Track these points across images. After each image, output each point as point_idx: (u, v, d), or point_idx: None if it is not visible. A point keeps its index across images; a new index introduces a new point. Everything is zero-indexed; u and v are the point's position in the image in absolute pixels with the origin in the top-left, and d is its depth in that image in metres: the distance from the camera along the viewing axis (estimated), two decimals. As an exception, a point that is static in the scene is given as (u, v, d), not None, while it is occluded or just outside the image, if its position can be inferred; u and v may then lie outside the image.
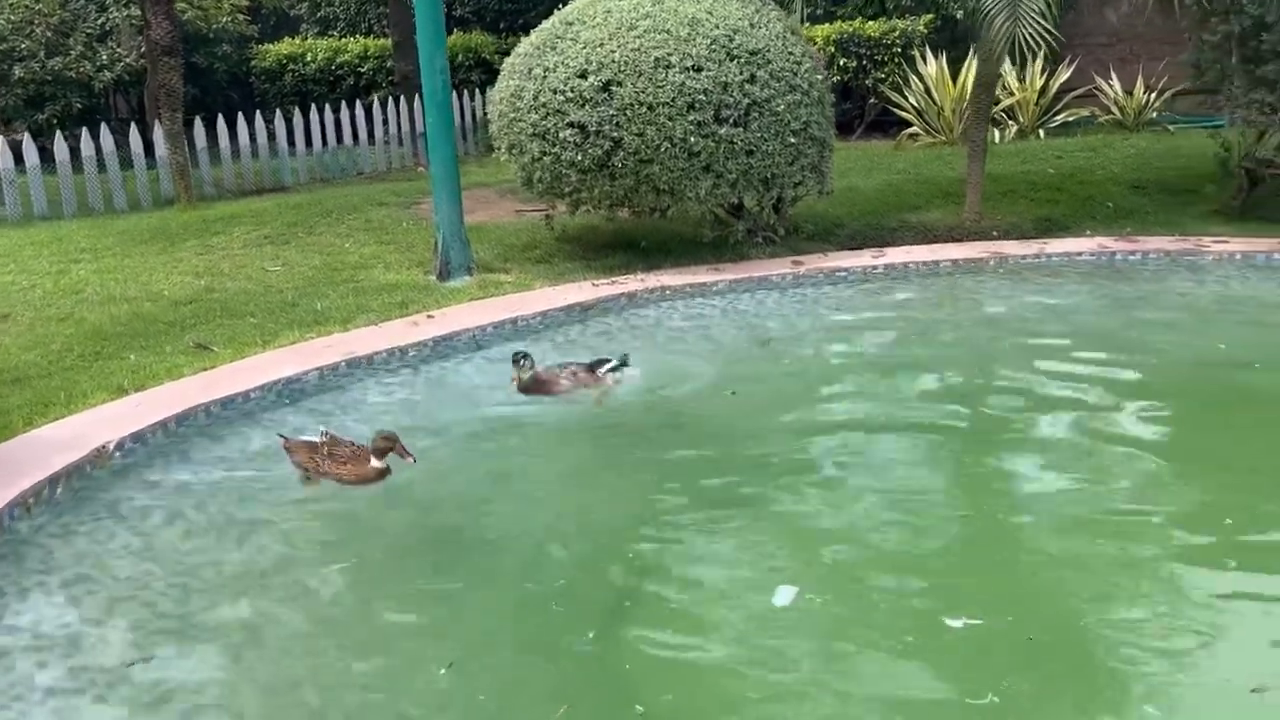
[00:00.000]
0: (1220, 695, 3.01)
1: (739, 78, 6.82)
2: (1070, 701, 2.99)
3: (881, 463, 4.57)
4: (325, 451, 4.24)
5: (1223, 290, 6.62)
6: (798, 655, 3.24)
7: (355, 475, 4.24)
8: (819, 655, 3.25)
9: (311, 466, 4.27)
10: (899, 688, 3.08)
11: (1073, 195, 8.79)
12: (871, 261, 7.29)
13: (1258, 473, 4.27)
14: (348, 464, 4.24)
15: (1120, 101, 12.37)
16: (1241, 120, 7.79)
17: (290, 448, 4.37)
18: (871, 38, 12.99)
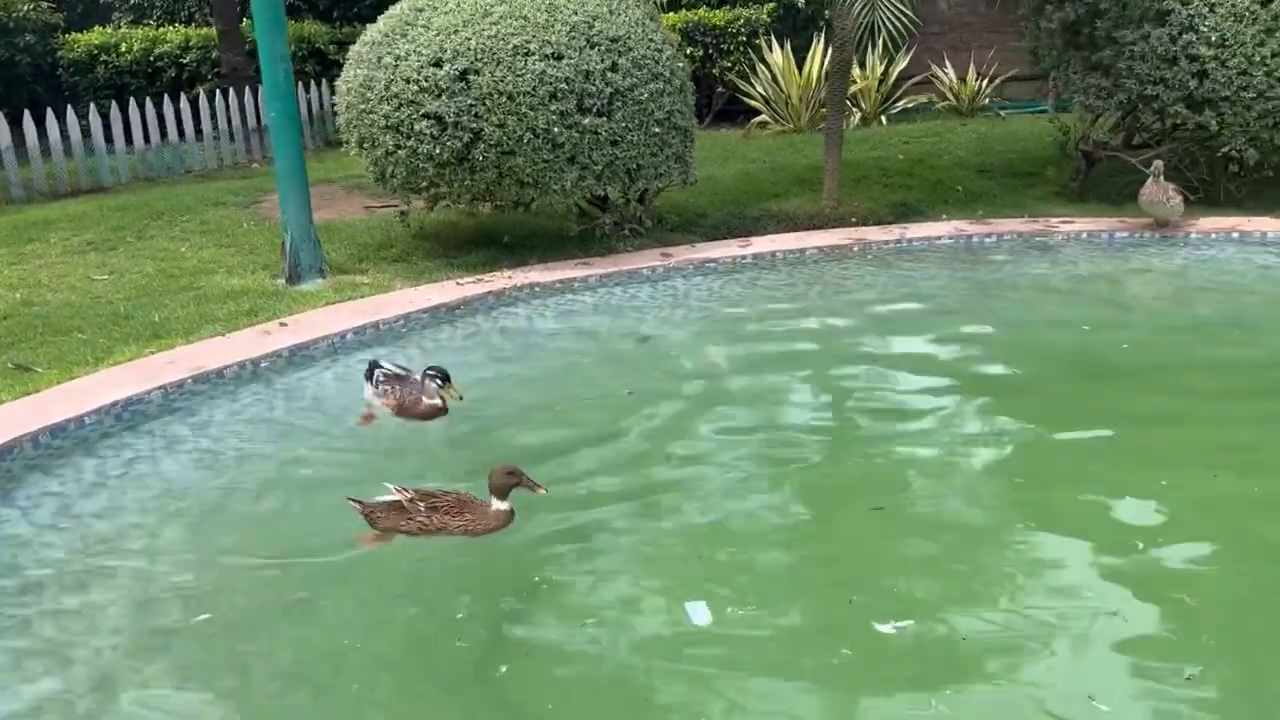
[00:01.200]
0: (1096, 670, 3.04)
1: (601, 66, 6.63)
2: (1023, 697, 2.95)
3: (770, 460, 4.48)
4: (422, 508, 3.73)
5: (1074, 270, 6.86)
6: (717, 673, 3.09)
7: (481, 525, 3.73)
8: (743, 672, 3.11)
9: (418, 527, 3.73)
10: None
11: (924, 180, 9.01)
12: (739, 251, 7.24)
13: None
14: (463, 513, 3.74)
15: (955, 88, 12.81)
16: (1079, 104, 8.12)
17: (372, 516, 3.77)
18: (717, 26, 13.02)
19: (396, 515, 3.74)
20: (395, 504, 3.75)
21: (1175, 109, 7.37)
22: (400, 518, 3.73)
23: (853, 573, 3.62)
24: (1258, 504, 3.91)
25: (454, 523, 3.72)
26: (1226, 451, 4.33)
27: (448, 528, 3.71)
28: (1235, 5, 6.96)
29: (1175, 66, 7.24)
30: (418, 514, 3.72)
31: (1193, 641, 3.15)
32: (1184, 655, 3.07)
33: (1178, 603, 3.31)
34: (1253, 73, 7.00)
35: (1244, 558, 3.61)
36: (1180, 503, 3.93)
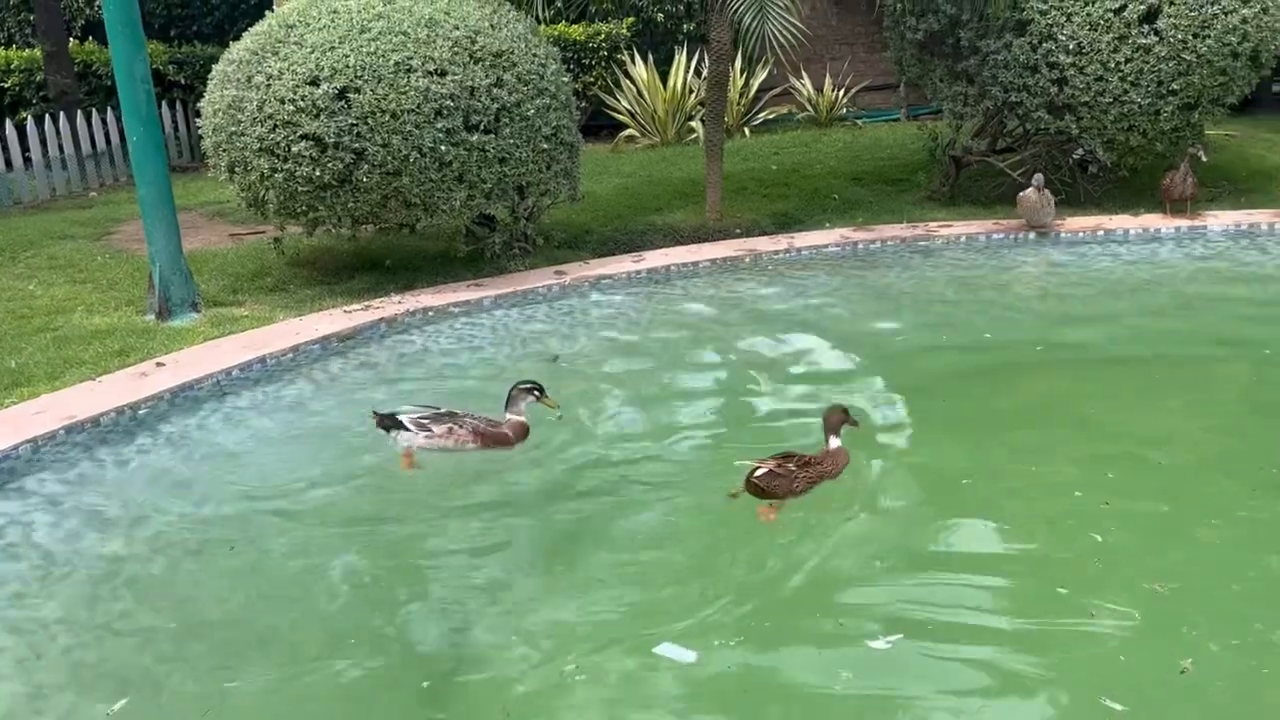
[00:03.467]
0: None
1: (486, 81, 6.43)
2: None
3: (678, 482, 4.38)
4: (793, 468, 4.01)
5: (955, 270, 7.07)
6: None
7: (834, 466, 4.11)
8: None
9: (805, 484, 4.00)
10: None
11: (801, 190, 9.15)
12: (633, 266, 7.14)
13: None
14: (822, 464, 4.08)
15: (814, 99, 13.12)
16: (947, 112, 8.41)
17: (762, 485, 3.98)
18: (578, 41, 12.94)
19: (784, 481, 3.97)
20: (773, 473, 3.97)
21: (1038, 114, 7.71)
22: (787, 483, 3.98)
23: (775, 580, 3.56)
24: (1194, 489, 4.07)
25: (820, 472, 4.05)
26: (1150, 441, 4.50)
27: (823, 476, 4.05)
28: (1090, 14, 7.33)
29: (1037, 74, 7.57)
30: (794, 476, 4.00)
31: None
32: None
33: (1150, 592, 3.38)
34: (1109, 78, 7.38)
35: (1190, 544, 3.74)
36: (1113, 492, 4.04)
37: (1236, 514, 3.90)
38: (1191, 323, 5.92)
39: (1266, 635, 3.20)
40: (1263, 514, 3.87)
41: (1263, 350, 5.42)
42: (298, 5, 6.61)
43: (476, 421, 4.51)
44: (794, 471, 3.98)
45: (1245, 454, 4.35)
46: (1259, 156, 8.91)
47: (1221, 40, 7.22)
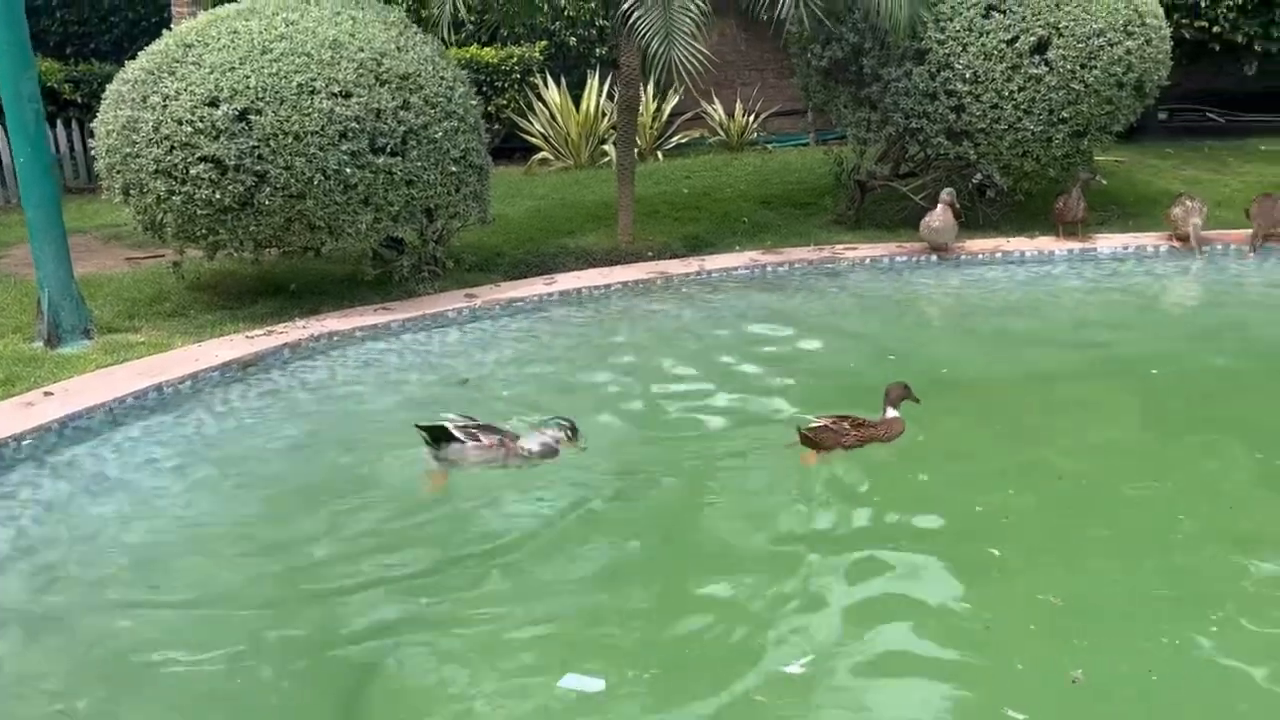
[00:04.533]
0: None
1: (392, 104, 6.36)
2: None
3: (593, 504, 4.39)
4: (847, 426, 4.54)
5: (861, 292, 7.21)
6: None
7: (888, 431, 4.63)
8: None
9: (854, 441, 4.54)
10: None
11: (711, 213, 9.24)
12: (545, 289, 7.13)
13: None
14: (876, 428, 4.61)
15: (725, 124, 13.29)
16: (851, 137, 8.60)
17: (816, 437, 4.53)
18: (490, 64, 12.90)
19: (832, 435, 4.53)
20: (826, 428, 4.53)
21: (937, 140, 7.93)
22: (835, 437, 4.54)
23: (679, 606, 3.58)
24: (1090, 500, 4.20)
25: (877, 433, 4.60)
26: (1046, 456, 4.64)
27: (873, 437, 4.58)
28: (984, 45, 7.59)
29: (935, 101, 7.80)
30: (846, 433, 4.54)
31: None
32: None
33: (1045, 604, 3.48)
34: (1003, 106, 7.64)
35: (1082, 554, 3.86)
36: (1013, 509, 4.16)
37: (1127, 526, 4.04)
38: (1082, 341, 6.13)
39: (1155, 641, 3.32)
40: (1151, 525, 4.02)
41: (1149, 369, 5.64)
42: (196, 24, 6.46)
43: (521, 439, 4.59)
44: (847, 430, 4.55)
45: (1136, 468, 4.53)
46: (1145, 182, 9.31)
47: (1107, 71, 7.54)
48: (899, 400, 4.67)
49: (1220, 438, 4.74)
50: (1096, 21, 7.49)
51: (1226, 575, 3.65)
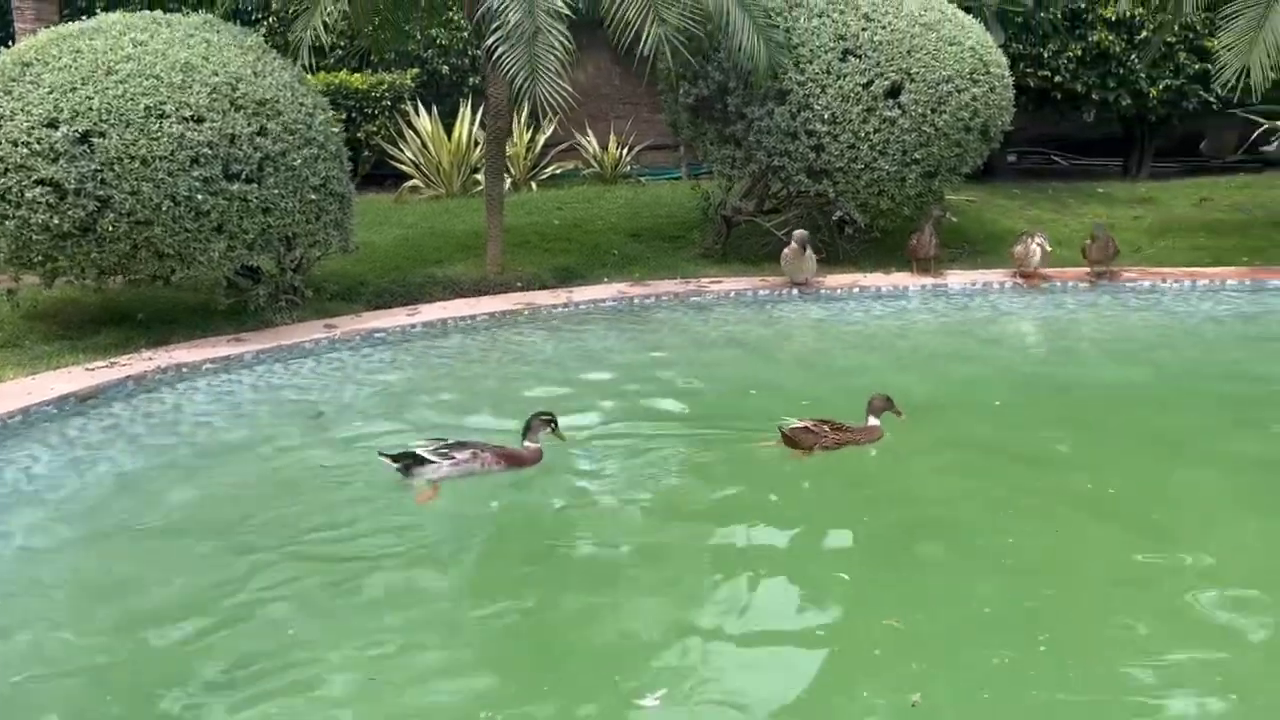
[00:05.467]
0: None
1: (248, 130, 6.20)
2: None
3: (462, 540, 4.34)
4: (827, 429, 4.88)
5: (725, 325, 7.34)
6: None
7: (865, 437, 4.96)
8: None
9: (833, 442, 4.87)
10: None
11: (581, 244, 9.29)
12: (408, 320, 7.02)
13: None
14: (855, 433, 4.93)
15: (599, 156, 13.40)
16: (716, 173, 8.78)
17: (794, 437, 4.88)
18: (360, 90, 12.71)
19: (811, 436, 4.87)
20: (806, 429, 4.88)
21: (798, 178, 8.17)
22: (814, 438, 4.87)
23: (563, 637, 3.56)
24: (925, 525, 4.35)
25: (854, 437, 4.92)
26: (898, 483, 4.79)
27: (851, 441, 4.91)
28: (842, 88, 7.87)
29: (796, 140, 8.04)
30: (825, 435, 4.87)
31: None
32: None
33: (888, 629, 3.57)
34: (860, 146, 7.93)
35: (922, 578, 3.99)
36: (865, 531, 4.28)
37: (966, 550, 4.20)
38: (932, 374, 6.36)
39: (987, 663, 3.45)
40: (988, 550, 4.18)
41: (993, 401, 5.90)
42: (36, 42, 6.18)
43: (492, 445, 4.79)
44: (826, 432, 4.86)
45: (976, 495, 4.71)
46: (994, 220, 9.78)
47: (956, 116, 7.92)
48: (880, 410, 4.99)
49: (1055, 465, 4.97)
50: (945, 69, 7.86)
51: (1056, 598, 3.82)
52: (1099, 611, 3.75)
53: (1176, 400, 5.88)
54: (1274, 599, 3.78)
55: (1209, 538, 4.26)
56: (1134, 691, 3.33)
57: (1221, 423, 5.46)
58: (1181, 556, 4.09)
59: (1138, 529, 4.31)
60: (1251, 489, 4.70)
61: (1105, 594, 3.87)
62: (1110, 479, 4.74)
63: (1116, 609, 3.74)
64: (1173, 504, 4.59)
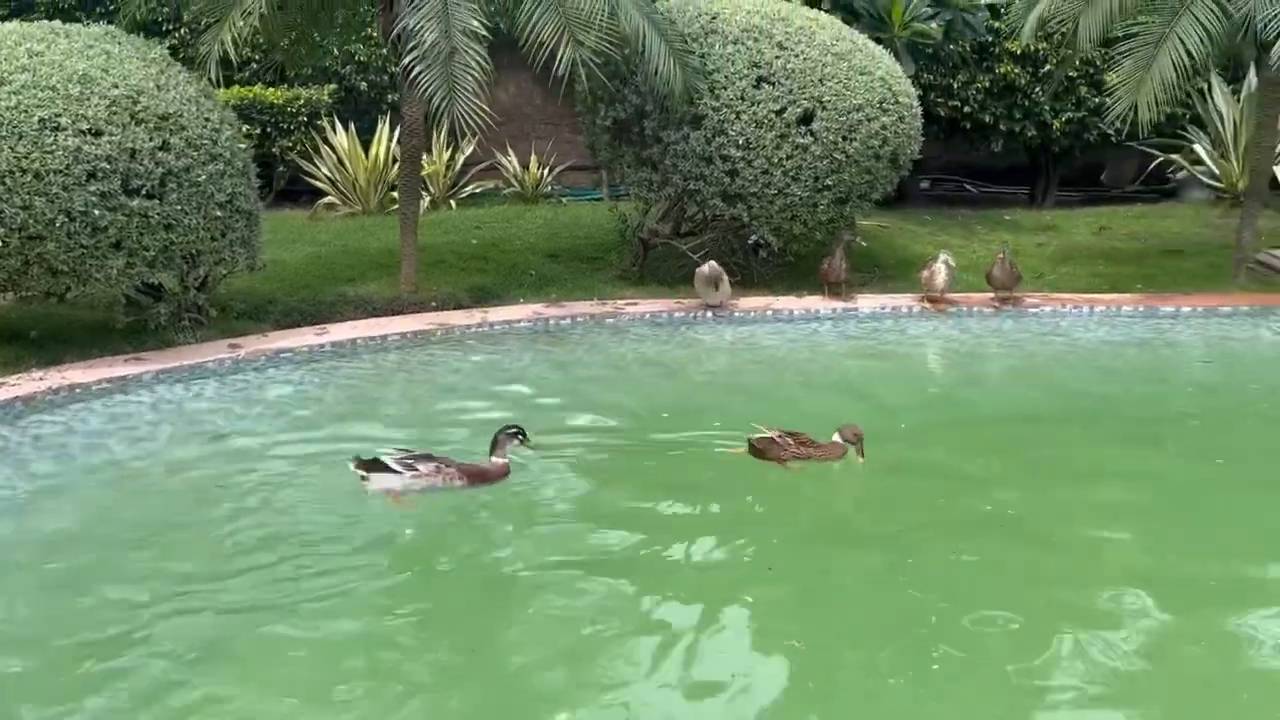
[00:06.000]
0: None
1: (149, 144, 6.05)
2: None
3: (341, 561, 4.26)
4: (791, 443, 5.02)
5: (639, 346, 7.36)
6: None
7: (827, 453, 5.07)
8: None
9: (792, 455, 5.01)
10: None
11: (499, 264, 9.24)
12: (316, 340, 6.90)
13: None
14: (819, 448, 5.05)
15: (519, 175, 13.37)
16: (633, 195, 8.82)
17: (760, 447, 5.07)
18: (275, 105, 12.51)
19: (775, 447, 5.02)
20: (771, 440, 5.03)
21: (714, 202, 8.26)
22: (778, 449, 5.02)
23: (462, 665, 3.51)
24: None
25: (816, 452, 5.05)
26: (809, 504, 4.84)
27: (812, 458, 5.03)
28: (756, 114, 7.98)
29: (711, 165, 8.12)
30: (789, 446, 5.01)
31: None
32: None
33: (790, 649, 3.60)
34: (773, 172, 8.05)
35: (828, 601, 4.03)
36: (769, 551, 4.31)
37: (866, 571, 4.27)
38: (841, 396, 6.46)
39: (883, 681, 3.50)
40: (887, 569, 4.26)
41: (899, 425, 6.00)
42: (-77, 48, 5.95)
43: (457, 461, 4.77)
44: (790, 444, 5.01)
45: (880, 515, 4.81)
46: (905, 246, 10.00)
47: (866, 143, 8.09)
48: (851, 439, 5.10)
49: (958, 485, 5.08)
50: (856, 97, 8.03)
51: (949, 616, 3.90)
52: (991, 630, 3.83)
53: (1073, 421, 6.07)
54: (1161, 604, 3.91)
55: (1101, 551, 4.41)
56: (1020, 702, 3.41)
57: (1116, 441, 5.65)
58: (1076, 570, 4.22)
59: (1039, 547, 4.43)
60: (1142, 502, 4.88)
61: (1000, 611, 3.95)
62: (1010, 499, 4.87)
63: (1008, 625, 3.84)
64: (1070, 520, 4.73)
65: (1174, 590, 4.08)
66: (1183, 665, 3.65)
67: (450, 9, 6.72)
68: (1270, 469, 5.29)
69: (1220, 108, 11.47)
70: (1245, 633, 3.80)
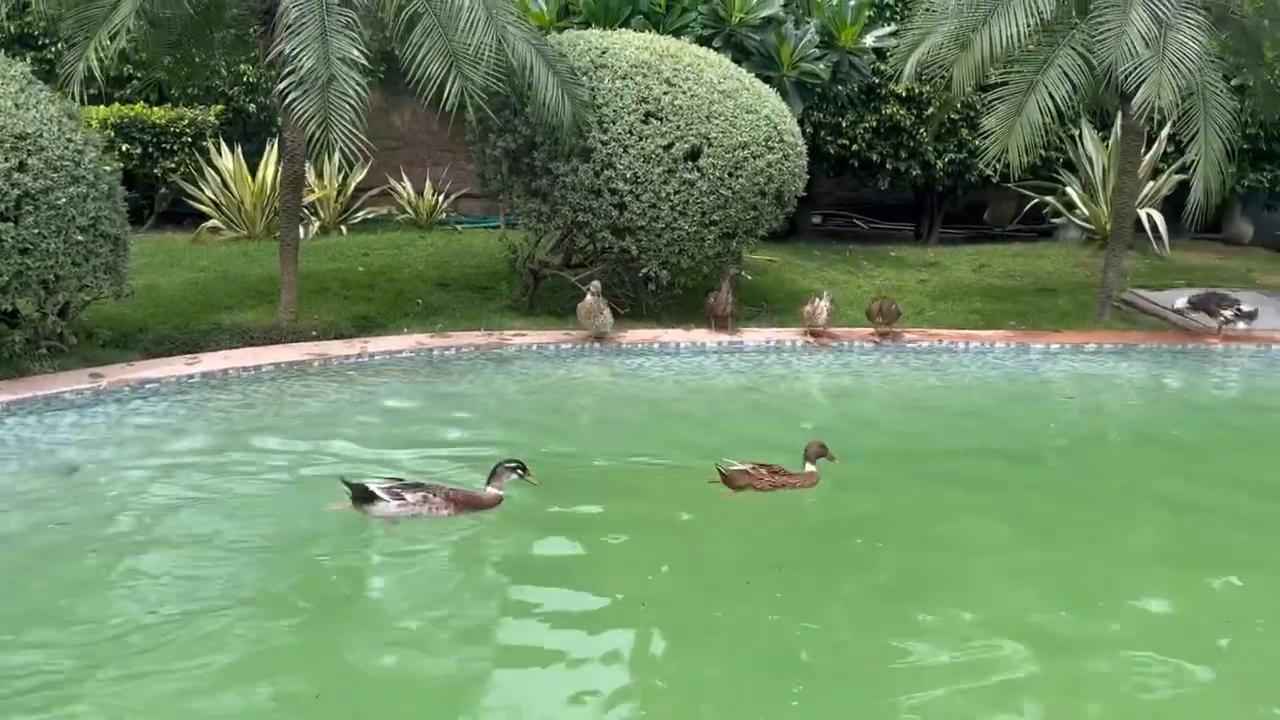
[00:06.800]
0: None
1: (4, 165, 5.78)
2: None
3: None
4: (764, 473, 5.19)
5: (524, 379, 7.30)
6: None
7: (800, 481, 5.26)
8: None
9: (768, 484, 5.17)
10: None
11: (385, 293, 9.09)
12: (185, 370, 6.67)
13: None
14: (791, 477, 5.23)
15: (414, 202, 13.21)
16: (522, 226, 8.78)
17: (731, 478, 5.18)
18: (157, 124, 12.12)
19: (748, 478, 5.15)
20: (743, 472, 5.16)
21: (602, 235, 8.28)
22: (750, 479, 5.16)
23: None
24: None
25: (789, 481, 5.20)
26: (693, 539, 4.84)
27: (786, 485, 5.19)
28: (644, 148, 8.04)
29: (600, 197, 8.15)
30: (761, 477, 5.15)
31: None
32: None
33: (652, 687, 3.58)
34: (661, 206, 8.11)
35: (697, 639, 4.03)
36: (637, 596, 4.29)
37: (740, 607, 4.28)
38: (722, 429, 6.50)
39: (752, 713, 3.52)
40: (758, 598, 4.28)
41: (773, 458, 6.04)
42: None
43: (447, 488, 4.86)
44: (763, 474, 5.15)
45: (752, 546, 4.84)
46: (792, 280, 10.16)
47: (751, 180, 8.22)
48: (816, 456, 5.28)
49: (831, 520, 5.15)
50: (742, 135, 8.16)
51: (816, 646, 3.94)
52: (862, 661, 3.88)
53: (944, 454, 6.23)
54: (1021, 636, 4.01)
55: (968, 579, 4.52)
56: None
57: (987, 474, 5.80)
58: (937, 601, 4.30)
59: (902, 578, 4.53)
60: (1011, 534, 5.01)
61: (864, 641, 4.01)
62: (877, 534, 4.95)
63: (874, 653, 3.89)
64: (938, 550, 4.82)
65: (1038, 625, 4.20)
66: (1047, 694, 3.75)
67: (329, 36, 6.61)
68: (1120, 499, 5.52)
69: (1090, 153, 12.02)
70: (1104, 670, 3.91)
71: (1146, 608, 4.46)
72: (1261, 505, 5.36)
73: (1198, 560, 4.82)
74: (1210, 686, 3.84)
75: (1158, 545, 5.13)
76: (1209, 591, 4.55)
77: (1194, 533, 5.12)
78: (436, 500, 4.78)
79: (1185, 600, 4.48)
